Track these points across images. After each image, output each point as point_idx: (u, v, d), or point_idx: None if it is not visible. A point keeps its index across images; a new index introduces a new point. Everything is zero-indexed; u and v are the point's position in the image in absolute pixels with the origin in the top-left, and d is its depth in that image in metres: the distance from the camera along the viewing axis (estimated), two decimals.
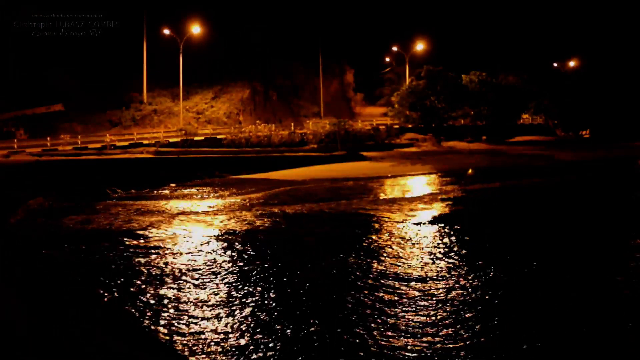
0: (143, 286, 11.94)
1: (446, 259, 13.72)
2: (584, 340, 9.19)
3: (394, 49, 69.65)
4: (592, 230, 17.75)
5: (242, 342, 9.09)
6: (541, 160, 40.89)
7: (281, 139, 45.15)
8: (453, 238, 15.99)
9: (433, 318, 9.92)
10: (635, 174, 35.00)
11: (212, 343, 9.05)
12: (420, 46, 67.19)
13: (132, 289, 11.74)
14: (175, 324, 9.83)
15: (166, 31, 51.02)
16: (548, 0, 73.82)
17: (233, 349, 8.83)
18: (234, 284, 12.01)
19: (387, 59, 75.01)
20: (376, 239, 16.26)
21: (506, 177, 31.04)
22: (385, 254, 14.31)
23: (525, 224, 18.75)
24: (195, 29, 51.48)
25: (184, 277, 12.55)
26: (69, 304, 11.07)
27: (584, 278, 12.54)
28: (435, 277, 12.31)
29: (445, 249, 14.68)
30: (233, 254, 14.56)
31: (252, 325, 9.76)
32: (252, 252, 14.68)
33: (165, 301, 11.01)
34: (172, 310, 10.50)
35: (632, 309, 10.54)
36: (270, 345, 8.96)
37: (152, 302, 10.97)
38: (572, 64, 68.51)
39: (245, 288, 11.75)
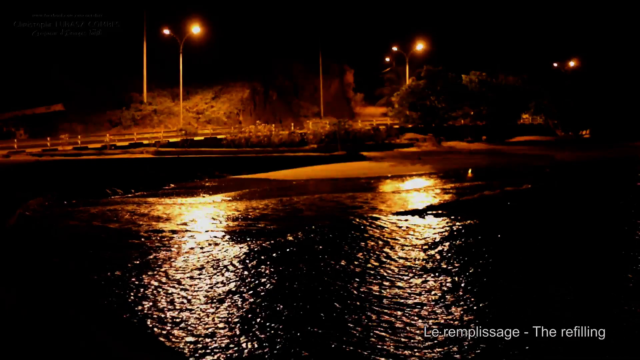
0: (144, 286, 11.94)
1: (445, 257, 13.75)
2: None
3: (394, 49, 69.75)
4: (589, 226, 17.77)
5: (243, 341, 9.09)
6: (541, 160, 40.92)
7: (281, 139, 45.20)
8: (454, 236, 16.00)
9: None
10: (635, 174, 34.96)
11: (213, 343, 9.05)
12: (420, 46, 67.30)
13: (132, 289, 11.73)
14: (176, 324, 9.83)
15: (166, 31, 51.10)
16: (548, 0, 73.92)
17: (234, 349, 8.83)
18: (236, 284, 12.00)
19: (387, 59, 75.10)
20: (374, 236, 16.26)
21: (506, 176, 31.06)
22: (383, 250, 14.33)
23: (525, 219, 18.77)
24: (195, 29, 51.56)
25: (185, 277, 12.55)
26: (69, 304, 11.07)
27: (581, 273, 12.56)
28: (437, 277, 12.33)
29: (445, 248, 14.71)
30: (235, 252, 14.56)
31: (253, 325, 9.76)
32: (253, 252, 14.68)
33: (166, 301, 11.01)
34: (172, 310, 10.50)
35: (631, 306, 10.55)
36: (273, 343, 8.96)
37: (153, 301, 10.97)
38: (572, 64, 68.60)
39: (247, 288, 11.74)
